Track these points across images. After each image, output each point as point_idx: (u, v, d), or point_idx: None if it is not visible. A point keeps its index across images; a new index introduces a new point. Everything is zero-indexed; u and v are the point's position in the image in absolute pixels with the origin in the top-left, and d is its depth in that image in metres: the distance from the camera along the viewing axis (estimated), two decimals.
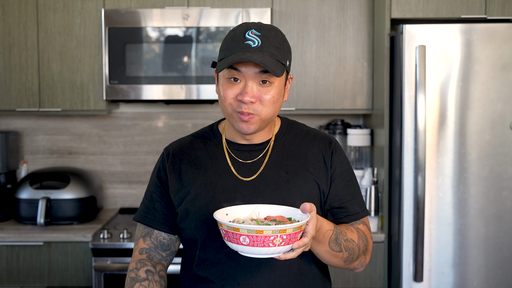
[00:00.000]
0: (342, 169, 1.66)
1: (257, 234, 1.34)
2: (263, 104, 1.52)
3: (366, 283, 3.01)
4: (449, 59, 2.78)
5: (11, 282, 3.01)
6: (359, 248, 1.62)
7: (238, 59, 1.45)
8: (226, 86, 1.53)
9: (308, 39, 3.21)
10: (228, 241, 1.39)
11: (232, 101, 1.52)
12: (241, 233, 1.35)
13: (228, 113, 1.55)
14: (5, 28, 3.21)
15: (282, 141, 1.66)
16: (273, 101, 1.53)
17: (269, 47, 1.49)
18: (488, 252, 2.82)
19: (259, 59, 1.45)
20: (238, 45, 1.49)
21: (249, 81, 1.50)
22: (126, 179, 3.61)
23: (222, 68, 1.48)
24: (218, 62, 1.55)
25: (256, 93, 1.51)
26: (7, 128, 3.59)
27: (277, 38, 1.51)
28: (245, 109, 1.51)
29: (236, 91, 1.51)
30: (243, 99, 1.49)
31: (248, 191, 1.58)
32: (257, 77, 1.50)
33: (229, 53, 1.50)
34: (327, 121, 3.56)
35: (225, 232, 1.38)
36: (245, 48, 1.48)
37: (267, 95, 1.52)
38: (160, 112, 3.58)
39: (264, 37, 1.49)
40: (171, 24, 3.12)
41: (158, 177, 1.67)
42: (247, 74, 1.50)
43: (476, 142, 2.80)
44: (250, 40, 1.48)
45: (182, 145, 1.68)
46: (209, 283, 1.59)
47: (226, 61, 1.48)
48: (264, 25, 1.52)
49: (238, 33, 1.51)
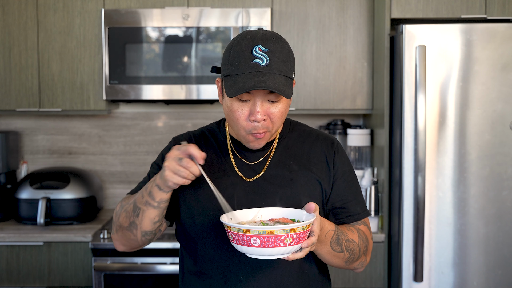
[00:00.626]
0: (344, 170, 1.67)
1: (268, 234, 1.34)
2: (273, 120, 1.54)
3: (366, 283, 3.01)
4: (449, 59, 2.78)
5: (11, 282, 3.01)
6: (360, 248, 1.63)
7: (252, 85, 1.45)
8: (236, 107, 1.52)
9: (308, 39, 3.21)
10: (238, 244, 1.39)
11: (245, 123, 1.53)
12: (252, 234, 1.35)
13: (241, 133, 1.56)
14: (5, 28, 3.21)
15: (285, 141, 1.67)
16: (281, 115, 1.55)
17: (277, 63, 1.49)
18: (488, 252, 2.82)
19: (272, 84, 1.45)
20: (246, 64, 1.48)
21: (258, 101, 1.51)
22: (126, 179, 3.61)
23: (235, 93, 1.47)
24: (224, 76, 1.53)
25: (266, 110, 1.52)
26: (7, 128, 3.59)
27: (283, 51, 1.51)
28: (259, 129, 1.53)
29: (247, 112, 1.52)
30: (256, 119, 1.50)
31: (252, 189, 1.59)
32: (266, 96, 1.51)
33: (236, 70, 1.49)
34: (327, 121, 3.56)
35: (235, 235, 1.38)
36: (255, 68, 1.47)
37: (276, 111, 1.53)
38: (160, 112, 3.58)
39: (271, 53, 1.48)
40: (171, 24, 3.12)
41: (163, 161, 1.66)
42: (257, 95, 1.50)
43: (476, 142, 2.80)
44: (258, 59, 1.48)
45: (190, 138, 1.70)
46: (210, 279, 1.59)
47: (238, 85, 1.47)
48: (268, 36, 1.50)
49: (244, 49, 1.49)
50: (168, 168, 1.45)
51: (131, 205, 1.57)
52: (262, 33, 1.51)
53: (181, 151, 1.46)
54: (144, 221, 1.55)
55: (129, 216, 1.57)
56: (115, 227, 1.64)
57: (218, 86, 1.60)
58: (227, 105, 1.55)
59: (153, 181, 1.52)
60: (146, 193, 1.53)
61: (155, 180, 1.51)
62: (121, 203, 1.65)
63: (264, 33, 1.51)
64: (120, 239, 1.64)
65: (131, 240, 1.62)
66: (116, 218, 1.62)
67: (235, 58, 1.50)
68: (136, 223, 1.56)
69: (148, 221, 1.55)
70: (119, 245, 1.67)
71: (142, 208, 1.54)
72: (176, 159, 1.45)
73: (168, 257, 2.93)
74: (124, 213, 1.59)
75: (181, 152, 1.46)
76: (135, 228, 1.57)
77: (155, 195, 1.51)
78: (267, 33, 1.51)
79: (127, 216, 1.58)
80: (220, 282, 1.58)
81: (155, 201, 1.52)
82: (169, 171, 1.45)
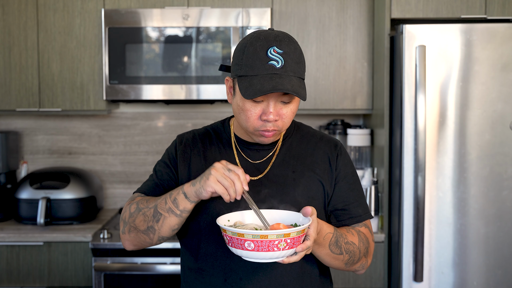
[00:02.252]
0: (347, 172, 1.68)
1: (262, 239, 1.34)
2: (284, 120, 1.55)
3: (366, 283, 3.01)
4: (449, 59, 2.78)
5: (11, 282, 3.01)
6: (360, 250, 1.63)
7: (270, 88, 1.45)
8: (248, 106, 1.53)
9: (308, 39, 3.21)
10: (233, 247, 1.40)
11: (256, 122, 1.54)
12: (245, 238, 1.36)
13: (249, 130, 1.57)
14: (5, 28, 3.21)
15: (289, 142, 1.69)
16: (292, 115, 1.56)
17: (291, 65, 1.50)
18: (488, 252, 2.82)
19: (289, 86, 1.46)
20: (262, 65, 1.48)
21: (271, 101, 1.52)
22: (126, 179, 3.61)
23: (254, 95, 1.47)
24: (238, 76, 1.53)
25: (278, 111, 1.53)
26: (7, 128, 3.59)
27: (296, 53, 1.52)
28: (269, 127, 1.54)
29: (259, 112, 1.53)
30: (268, 119, 1.52)
31: (255, 188, 1.60)
32: (280, 97, 1.52)
33: (251, 71, 1.49)
34: (327, 121, 3.56)
35: (229, 238, 1.39)
36: (270, 70, 1.48)
37: (287, 111, 1.54)
38: (160, 112, 3.58)
39: (285, 55, 1.49)
40: (171, 24, 3.12)
41: (169, 159, 1.68)
42: (271, 96, 1.51)
43: (476, 142, 2.80)
44: (274, 60, 1.48)
45: (195, 136, 1.70)
46: (211, 277, 1.60)
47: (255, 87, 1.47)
48: (281, 38, 1.51)
49: (259, 50, 1.49)
50: (214, 173, 1.44)
51: (151, 210, 1.55)
52: (275, 34, 1.52)
53: (230, 166, 1.46)
54: (163, 228, 1.54)
55: (147, 220, 1.55)
56: (127, 227, 1.61)
57: (227, 85, 1.61)
58: (238, 104, 1.55)
59: (180, 188, 1.51)
60: (170, 200, 1.51)
61: (183, 187, 1.50)
62: (136, 204, 1.60)
63: (277, 34, 1.52)
64: (132, 240, 1.62)
65: (145, 242, 1.61)
66: (131, 220, 1.59)
67: (249, 59, 1.50)
68: (155, 228, 1.55)
69: (167, 228, 1.54)
70: (129, 245, 1.65)
71: (164, 215, 1.52)
72: (226, 169, 1.45)
73: (168, 257, 2.93)
74: (141, 216, 1.57)
75: (231, 167, 1.46)
76: (153, 232, 1.56)
77: (180, 203, 1.50)
78: (280, 34, 1.52)
79: (145, 220, 1.56)
80: (221, 279, 1.59)
81: (178, 209, 1.50)
82: (214, 177, 1.44)
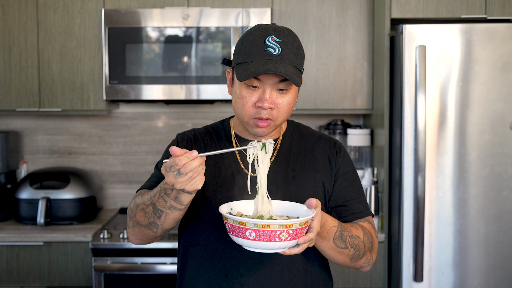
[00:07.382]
0: (346, 169, 1.69)
1: (264, 228, 1.34)
2: (279, 110, 1.56)
3: (366, 283, 3.01)
4: (449, 59, 2.78)
5: (11, 282, 3.01)
6: (365, 244, 1.63)
7: (263, 70, 1.48)
8: (245, 93, 1.54)
9: (308, 39, 3.21)
10: (234, 235, 1.40)
11: (251, 109, 1.55)
12: (247, 227, 1.35)
13: (245, 119, 1.58)
14: (5, 28, 3.21)
15: (289, 140, 1.70)
16: (288, 106, 1.57)
17: (288, 54, 1.51)
18: (488, 252, 2.82)
19: (283, 70, 1.48)
20: (259, 51, 1.51)
21: (267, 88, 1.53)
22: (126, 179, 3.61)
23: (247, 77, 1.49)
24: (236, 64, 1.55)
25: (274, 99, 1.54)
26: (7, 128, 3.59)
27: (295, 44, 1.54)
28: (263, 115, 1.54)
29: (255, 99, 1.54)
30: (263, 106, 1.52)
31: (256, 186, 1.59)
32: (276, 85, 1.53)
33: (248, 58, 1.51)
34: (327, 121, 3.56)
35: (231, 226, 1.39)
36: (267, 56, 1.50)
37: (283, 101, 1.55)
38: (160, 112, 3.58)
39: (283, 44, 1.51)
40: (171, 24, 3.12)
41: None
42: (267, 82, 1.53)
43: (476, 142, 2.80)
44: (271, 48, 1.51)
45: (195, 134, 1.71)
46: (211, 273, 1.60)
47: (249, 70, 1.49)
48: (281, 29, 1.54)
49: (257, 38, 1.52)
50: (179, 185, 1.37)
51: (150, 207, 1.53)
52: (276, 26, 1.55)
53: (168, 163, 1.38)
54: (167, 222, 1.53)
55: (148, 217, 1.55)
56: (131, 222, 1.61)
57: (228, 77, 1.63)
58: (236, 92, 1.57)
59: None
60: (170, 199, 1.48)
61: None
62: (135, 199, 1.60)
63: (278, 26, 1.55)
64: (137, 234, 1.62)
65: (149, 236, 1.61)
66: (133, 215, 1.59)
67: (247, 47, 1.53)
68: (158, 223, 1.54)
69: (172, 221, 1.54)
70: (135, 239, 1.65)
71: (166, 212, 1.51)
72: (175, 175, 1.37)
73: (168, 257, 2.93)
74: (141, 212, 1.56)
75: (169, 163, 1.37)
76: (156, 227, 1.55)
77: (183, 199, 1.47)
78: (280, 27, 1.55)
79: (145, 216, 1.55)
80: (221, 275, 1.59)
81: (183, 205, 1.49)
82: (181, 185, 1.38)
